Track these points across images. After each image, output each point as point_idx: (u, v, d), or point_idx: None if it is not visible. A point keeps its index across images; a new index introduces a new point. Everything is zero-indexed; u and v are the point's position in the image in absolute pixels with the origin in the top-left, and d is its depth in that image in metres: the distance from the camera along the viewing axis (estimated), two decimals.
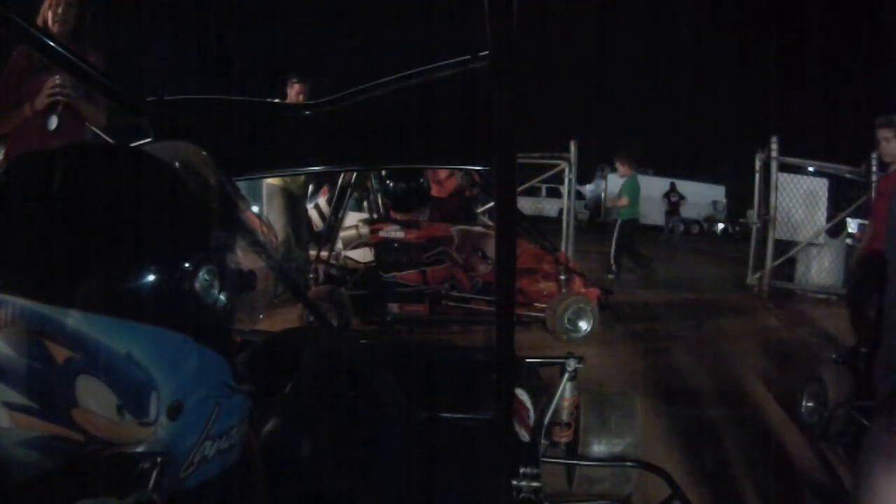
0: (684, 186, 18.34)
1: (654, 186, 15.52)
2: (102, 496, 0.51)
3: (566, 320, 3.63)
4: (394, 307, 3.81)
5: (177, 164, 0.67)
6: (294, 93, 4.04)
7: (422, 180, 4.14)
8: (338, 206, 4.06)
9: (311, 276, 3.78)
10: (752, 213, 7.10)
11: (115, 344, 0.50)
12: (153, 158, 0.61)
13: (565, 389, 1.50)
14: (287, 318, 3.27)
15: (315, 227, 4.79)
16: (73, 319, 0.48)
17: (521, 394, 1.34)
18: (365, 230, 3.97)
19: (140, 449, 0.52)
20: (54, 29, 2.27)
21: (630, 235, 6.45)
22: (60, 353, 0.48)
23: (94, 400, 0.49)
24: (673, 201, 14.29)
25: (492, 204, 4.57)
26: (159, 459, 0.52)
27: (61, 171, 0.54)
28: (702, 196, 19.46)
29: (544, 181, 7.03)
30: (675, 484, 1.38)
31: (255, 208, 0.77)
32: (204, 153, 0.71)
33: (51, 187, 0.53)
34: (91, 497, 0.50)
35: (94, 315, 0.49)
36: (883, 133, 3.08)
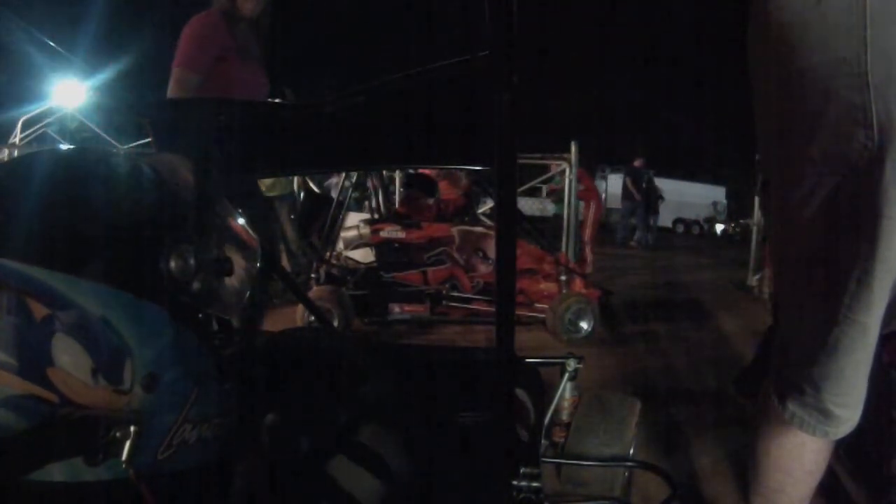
0: (684, 187, 18.32)
1: None
2: (72, 458, 0.51)
3: (566, 321, 3.63)
4: (394, 307, 3.81)
5: (158, 167, 0.71)
6: None
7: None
8: (339, 206, 4.06)
9: (313, 276, 3.79)
10: (756, 215, 7.09)
11: (91, 306, 0.52)
12: (133, 157, 0.66)
13: (565, 389, 1.49)
14: (287, 318, 3.28)
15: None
16: (53, 279, 0.51)
17: (521, 394, 1.34)
18: (366, 230, 3.98)
19: (115, 416, 0.53)
20: (245, 10, 2.23)
21: None
22: (39, 311, 0.50)
23: (70, 360, 0.51)
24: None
25: (492, 204, 4.58)
26: (133, 429, 0.52)
27: (49, 164, 0.59)
28: (702, 197, 19.45)
29: (545, 181, 7.03)
30: (675, 484, 1.38)
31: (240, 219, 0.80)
32: (186, 161, 0.75)
33: (39, 175, 0.57)
34: (61, 461, 0.51)
35: (72, 277, 0.52)
36: None
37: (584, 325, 3.67)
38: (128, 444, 0.52)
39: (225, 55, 2.22)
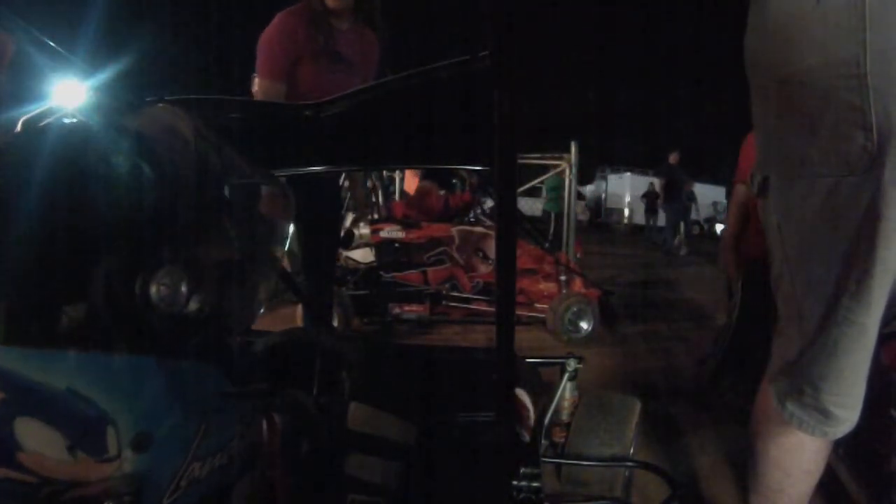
0: None
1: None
2: None
3: (566, 321, 3.63)
4: (394, 307, 3.81)
5: (154, 132, 0.59)
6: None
7: None
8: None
9: None
10: None
11: (50, 379, 0.43)
12: (90, 145, 0.52)
13: (565, 389, 1.50)
14: (287, 318, 3.27)
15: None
16: (1, 357, 0.42)
17: (521, 394, 1.34)
18: (366, 230, 3.98)
19: (106, 486, 0.46)
20: (329, 2, 2.03)
21: None
22: None
23: (38, 442, 0.44)
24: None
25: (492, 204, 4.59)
26: (126, 500, 0.46)
27: None
28: (702, 197, 19.41)
29: (545, 182, 7.04)
30: (675, 484, 1.38)
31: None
32: (192, 121, 0.62)
33: None
34: None
35: (18, 349, 0.43)
36: None
37: (584, 325, 3.67)
38: None
39: (303, 57, 2.05)
